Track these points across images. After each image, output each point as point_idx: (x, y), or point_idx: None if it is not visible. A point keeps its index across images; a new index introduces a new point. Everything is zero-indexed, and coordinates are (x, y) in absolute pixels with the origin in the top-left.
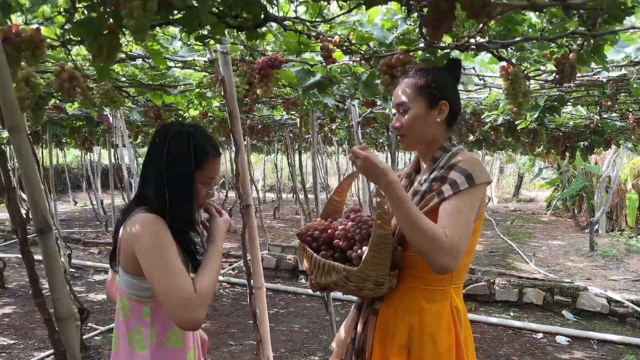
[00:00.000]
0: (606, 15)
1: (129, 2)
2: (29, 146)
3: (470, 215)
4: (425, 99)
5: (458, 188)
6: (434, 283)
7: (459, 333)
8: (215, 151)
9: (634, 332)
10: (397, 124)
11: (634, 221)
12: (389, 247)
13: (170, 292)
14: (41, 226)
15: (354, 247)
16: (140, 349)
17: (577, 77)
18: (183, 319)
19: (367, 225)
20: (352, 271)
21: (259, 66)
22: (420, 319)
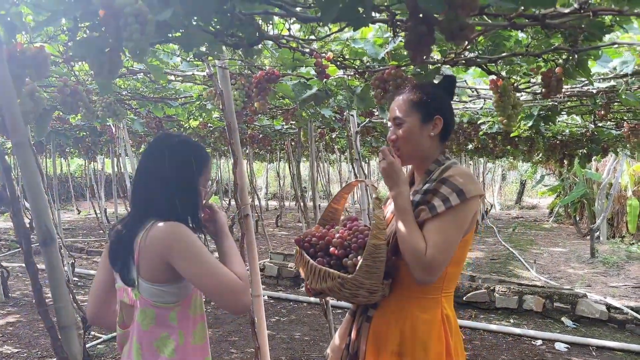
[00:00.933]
0: (586, 33)
1: (128, 25)
2: (34, 161)
3: (456, 233)
4: (420, 114)
5: (450, 204)
6: (426, 292)
7: (449, 341)
8: (209, 157)
9: (633, 338)
10: (393, 136)
11: (635, 228)
12: (383, 257)
13: (223, 287)
14: (44, 238)
15: (349, 255)
16: (169, 352)
17: (568, 88)
18: (238, 305)
19: (362, 235)
20: (347, 278)
21: (256, 80)
22: (412, 327)
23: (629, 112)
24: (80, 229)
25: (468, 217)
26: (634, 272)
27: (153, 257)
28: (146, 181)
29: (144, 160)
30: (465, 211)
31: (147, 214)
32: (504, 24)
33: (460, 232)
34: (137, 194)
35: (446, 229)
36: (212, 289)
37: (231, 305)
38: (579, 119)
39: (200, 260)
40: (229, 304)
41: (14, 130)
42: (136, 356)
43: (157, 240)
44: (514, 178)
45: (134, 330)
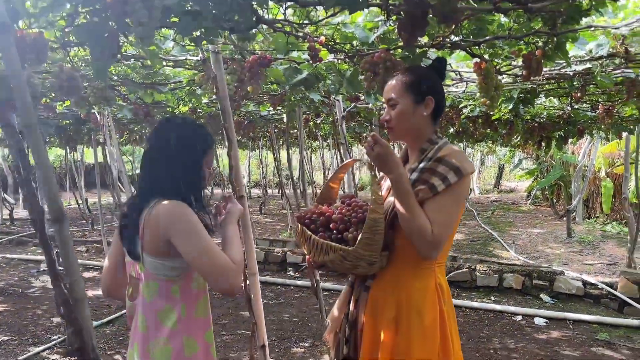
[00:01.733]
0: (564, 16)
1: (136, 11)
2: (43, 144)
3: (456, 210)
4: (413, 95)
5: (449, 182)
6: (420, 262)
7: (442, 308)
8: (212, 139)
9: (607, 312)
10: (387, 117)
11: (609, 208)
12: (381, 230)
13: (216, 267)
14: (56, 216)
15: (349, 229)
16: (172, 324)
17: (547, 70)
18: (229, 288)
19: (362, 210)
20: (348, 251)
21: (249, 64)
22: (407, 295)
23: (604, 94)
24: None
25: (465, 193)
26: (608, 250)
27: (155, 233)
28: (152, 161)
29: (151, 142)
30: (462, 188)
31: (153, 193)
32: (489, 8)
33: (459, 207)
34: (143, 173)
35: (448, 206)
36: (205, 269)
37: (222, 286)
38: (556, 102)
39: (197, 240)
40: (220, 284)
41: (23, 113)
42: (141, 327)
43: (159, 217)
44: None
45: (139, 303)
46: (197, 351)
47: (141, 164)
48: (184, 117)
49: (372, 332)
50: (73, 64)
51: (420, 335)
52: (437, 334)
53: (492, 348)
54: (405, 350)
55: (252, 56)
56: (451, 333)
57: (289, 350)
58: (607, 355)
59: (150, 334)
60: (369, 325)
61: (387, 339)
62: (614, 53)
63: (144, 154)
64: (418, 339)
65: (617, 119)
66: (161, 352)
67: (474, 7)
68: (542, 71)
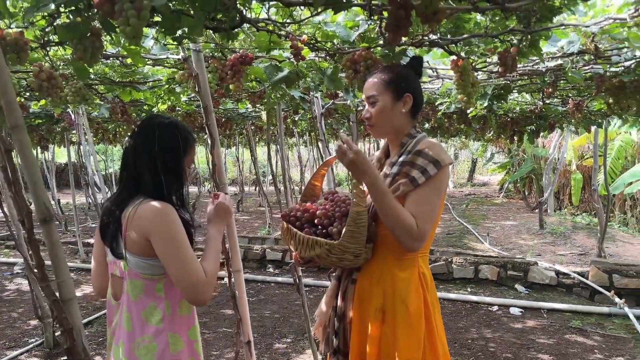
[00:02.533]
0: (538, 15)
1: (125, 11)
2: (29, 143)
3: (437, 201)
4: (392, 92)
5: (429, 174)
6: (404, 253)
7: (426, 296)
8: (193, 139)
9: (580, 300)
10: (367, 114)
11: (578, 200)
12: (364, 222)
13: (186, 276)
14: (44, 216)
15: (334, 224)
16: (156, 322)
17: (520, 67)
18: (196, 298)
19: (345, 204)
20: (334, 244)
21: (230, 63)
22: (393, 285)
23: (574, 90)
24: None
25: (445, 183)
26: (579, 240)
27: (139, 232)
28: (135, 160)
29: (134, 141)
30: (441, 179)
31: (136, 191)
32: (468, 7)
33: (440, 197)
34: (126, 172)
35: (429, 197)
36: (177, 276)
37: (190, 296)
38: (528, 97)
39: (175, 246)
40: (188, 294)
41: (9, 114)
42: (126, 325)
43: (142, 218)
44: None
45: (123, 301)
46: (182, 348)
47: (123, 162)
48: (166, 116)
49: (360, 323)
50: (52, 63)
51: (406, 323)
52: (422, 322)
53: (470, 338)
54: (392, 338)
55: (233, 55)
56: (435, 320)
57: (271, 346)
58: (580, 341)
59: (136, 332)
60: (356, 317)
61: (374, 328)
62: (584, 50)
63: (126, 152)
64: (404, 327)
65: (587, 113)
66: (147, 350)
67: (453, 7)
68: (516, 67)
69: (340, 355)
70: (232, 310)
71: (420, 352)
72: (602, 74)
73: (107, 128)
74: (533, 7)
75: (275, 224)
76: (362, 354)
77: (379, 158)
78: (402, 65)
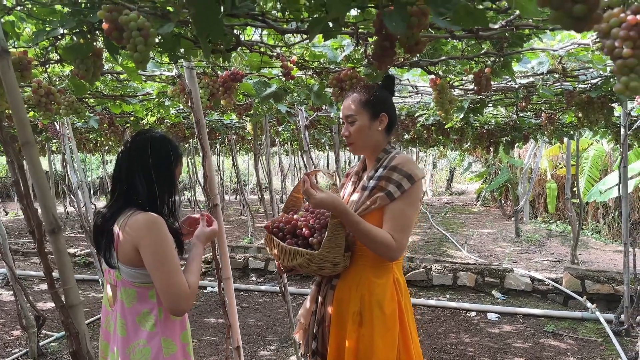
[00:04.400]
0: (510, 41)
1: (133, 38)
2: (39, 158)
3: (413, 213)
4: (369, 112)
5: (404, 188)
6: (380, 261)
7: (400, 300)
8: (181, 151)
9: (554, 305)
10: (347, 133)
11: (554, 208)
12: (342, 233)
13: (170, 288)
14: (52, 227)
15: (314, 235)
16: (150, 327)
17: (494, 84)
18: (177, 309)
19: (324, 216)
20: (314, 254)
21: (222, 79)
22: (369, 290)
23: (546, 104)
24: (10, 230)
25: (418, 196)
26: (553, 247)
27: (128, 244)
28: (128, 172)
29: (127, 154)
30: (415, 192)
31: (128, 203)
32: (446, 36)
33: (416, 210)
34: (119, 183)
35: (405, 210)
36: (161, 287)
37: (171, 306)
38: (503, 110)
39: (162, 257)
40: (170, 304)
41: (21, 131)
42: (120, 331)
43: (132, 229)
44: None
45: (117, 308)
46: (175, 351)
47: (115, 174)
48: (157, 131)
49: (339, 326)
50: (50, 80)
51: (381, 325)
52: (397, 325)
53: (449, 343)
54: (369, 339)
55: (225, 72)
56: (409, 323)
57: (255, 354)
58: (554, 345)
59: (130, 337)
60: (335, 320)
61: (352, 330)
62: (553, 69)
63: (119, 165)
64: (380, 329)
65: (559, 125)
66: (141, 353)
67: (433, 35)
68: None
69: (319, 357)
70: (215, 319)
71: (395, 353)
72: (572, 90)
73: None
74: (504, 35)
75: (257, 232)
76: (339, 355)
77: (356, 172)
78: (378, 86)
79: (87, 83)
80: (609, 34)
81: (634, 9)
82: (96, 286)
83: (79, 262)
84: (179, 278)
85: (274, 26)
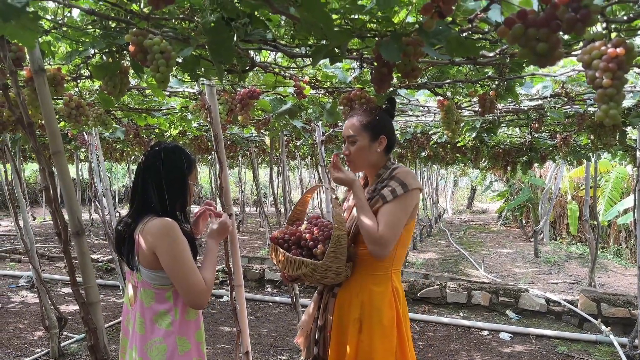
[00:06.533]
0: (509, 67)
1: (155, 60)
2: (68, 167)
3: (402, 215)
4: (369, 134)
5: (397, 194)
6: (379, 270)
7: (398, 308)
8: (194, 160)
9: (568, 327)
10: (347, 152)
11: (576, 230)
12: (345, 244)
13: (188, 286)
14: (77, 230)
15: (318, 246)
16: (166, 325)
17: (505, 105)
18: (197, 304)
19: (327, 229)
20: (318, 264)
21: (240, 97)
22: (369, 297)
23: (560, 125)
24: (37, 235)
25: (411, 204)
26: (572, 269)
27: (146, 248)
28: (144, 181)
29: (144, 165)
30: (408, 199)
31: (145, 210)
32: (445, 62)
33: (405, 214)
34: (136, 192)
35: (393, 211)
36: (180, 286)
37: (190, 302)
38: (518, 130)
39: (178, 260)
40: (190, 301)
41: (52, 141)
42: (139, 329)
43: (149, 235)
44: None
45: (137, 307)
46: (189, 349)
47: (134, 184)
48: (168, 142)
49: (339, 332)
50: (80, 93)
51: (380, 332)
52: (395, 331)
53: None
54: (368, 345)
55: (243, 89)
56: (406, 330)
57: None
58: None
59: (148, 334)
60: (336, 327)
61: (352, 336)
62: (557, 93)
63: (137, 175)
64: (379, 335)
65: (575, 147)
66: (157, 350)
67: (433, 61)
68: (496, 108)
69: None
70: (230, 327)
71: (393, 358)
72: (582, 112)
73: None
74: (503, 61)
75: None
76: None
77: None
78: (379, 109)
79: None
80: (590, 65)
81: (614, 42)
82: (117, 291)
83: (101, 268)
84: (196, 276)
85: (284, 50)
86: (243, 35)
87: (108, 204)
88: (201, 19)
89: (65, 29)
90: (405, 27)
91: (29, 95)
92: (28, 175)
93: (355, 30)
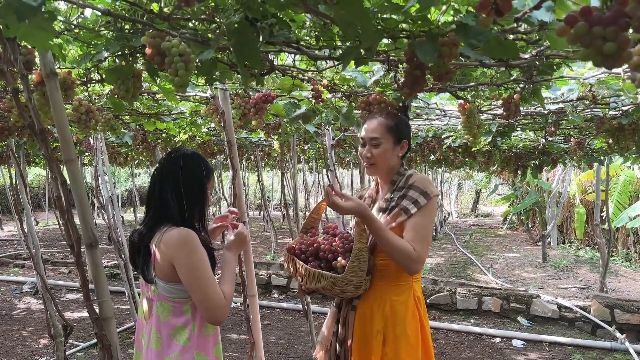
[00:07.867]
0: (539, 69)
1: (174, 63)
2: (81, 175)
3: (429, 226)
4: (393, 137)
5: (420, 205)
6: (400, 280)
7: (421, 317)
8: (211, 166)
9: (582, 334)
10: (369, 154)
11: (582, 233)
12: (365, 258)
13: (207, 300)
14: (90, 241)
15: (337, 258)
16: (184, 341)
17: (524, 109)
18: (214, 319)
19: (348, 241)
20: (338, 278)
21: (254, 101)
22: (391, 308)
23: (575, 129)
24: (40, 240)
25: (434, 212)
26: (582, 274)
27: (163, 260)
28: (160, 189)
29: (161, 171)
30: (430, 208)
31: (162, 219)
32: (475, 64)
33: (431, 223)
34: (153, 201)
35: (421, 223)
36: (198, 299)
37: (209, 317)
38: (531, 134)
39: (197, 271)
40: (207, 315)
41: (65, 149)
42: (155, 344)
43: (166, 246)
44: (469, 187)
45: (152, 321)
46: None
47: (150, 191)
48: (188, 149)
49: (361, 346)
50: (90, 98)
51: (405, 343)
52: (420, 341)
53: None
54: (394, 357)
55: (257, 93)
56: (429, 339)
57: None
58: None
59: (164, 350)
60: (357, 340)
61: (376, 349)
62: (583, 96)
63: (153, 181)
64: (404, 346)
65: (588, 150)
66: None
67: (461, 63)
68: (519, 113)
69: None
70: (237, 335)
71: None
72: (602, 116)
73: (120, 151)
74: (534, 64)
75: (280, 249)
76: None
77: (370, 194)
78: (399, 113)
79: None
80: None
81: None
82: (122, 297)
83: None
84: (215, 289)
85: (307, 53)
86: (268, 36)
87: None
88: (224, 19)
89: (77, 30)
90: (441, 27)
91: (38, 100)
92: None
93: (388, 31)
